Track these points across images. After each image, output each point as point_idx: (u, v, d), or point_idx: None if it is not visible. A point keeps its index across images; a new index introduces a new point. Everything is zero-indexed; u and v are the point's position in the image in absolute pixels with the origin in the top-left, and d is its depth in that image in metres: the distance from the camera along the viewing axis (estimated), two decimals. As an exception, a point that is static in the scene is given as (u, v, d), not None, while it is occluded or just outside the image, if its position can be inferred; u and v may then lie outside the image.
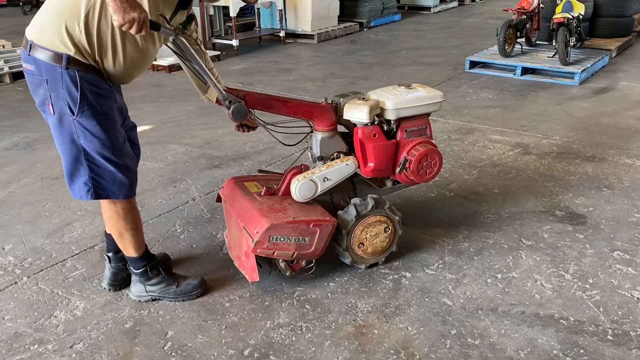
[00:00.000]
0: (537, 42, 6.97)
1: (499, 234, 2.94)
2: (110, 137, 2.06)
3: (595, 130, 4.45)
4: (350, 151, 2.61)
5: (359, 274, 2.60)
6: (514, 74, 6.18)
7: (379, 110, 2.53)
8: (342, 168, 2.49)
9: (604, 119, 4.72)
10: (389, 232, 2.59)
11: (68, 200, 3.34)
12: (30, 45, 1.95)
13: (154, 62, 6.79)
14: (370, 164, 2.55)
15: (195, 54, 2.13)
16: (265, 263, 2.55)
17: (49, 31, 1.92)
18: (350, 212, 2.48)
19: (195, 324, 2.30)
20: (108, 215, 2.23)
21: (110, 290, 2.50)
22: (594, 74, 6.20)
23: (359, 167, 2.56)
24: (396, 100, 2.52)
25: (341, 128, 2.65)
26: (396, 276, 2.59)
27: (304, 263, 2.47)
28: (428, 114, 2.65)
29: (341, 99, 2.56)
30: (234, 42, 7.68)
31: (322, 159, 2.55)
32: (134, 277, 2.42)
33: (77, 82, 1.93)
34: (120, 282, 2.50)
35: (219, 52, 7.48)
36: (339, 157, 2.55)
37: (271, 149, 4.14)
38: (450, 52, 7.57)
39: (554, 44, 6.15)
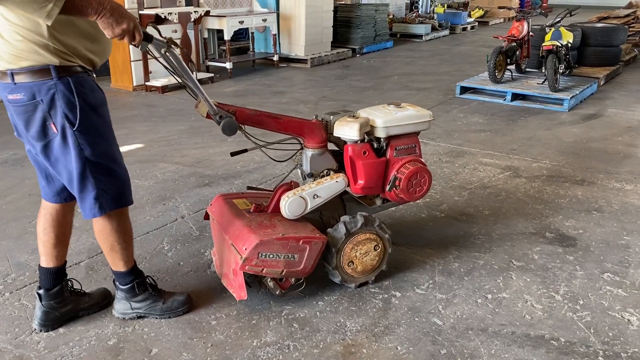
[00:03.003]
0: (527, 69, 7.07)
1: (489, 254, 2.92)
2: (110, 140, 2.08)
3: (584, 155, 4.48)
4: (340, 169, 2.60)
5: (349, 293, 2.57)
6: (504, 99, 6.25)
7: (369, 128, 2.54)
8: (332, 185, 2.48)
9: (593, 144, 4.76)
10: (378, 250, 2.57)
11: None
12: (12, 73, 1.86)
13: (147, 83, 6.82)
14: (360, 182, 2.55)
15: (187, 67, 2.13)
16: (255, 282, 2.51)
17: (23, 52, 1.84)
18: (340, 230, 2.46)
19: (180, 341, 2.25)
20: (100, 228, 2.17)
21: (41, 331, 2.29)
22: (583, 101, 6.29)
23: (348, 184, 2.55)
24: (386, 118, 2.53)
25: (331, 146, 2.65)
26: (386, 295, 2.56)
27: (293, 281, 2.44)
28: (417, 133, 2.66)
29: (331, 117, 2.57)
30: (228, 65, 7.73)
31: (312, 175, 2.54)
32: (118, 294, 2.36)
33: (73, 89, 1.91)
34: (53, 321, 2.30)
35: (212, 75, 7.51)
36: (329, 174, 2.54)
37: (262, 168, 4.13)
38: (441, 78, 7.66)
39: (543, 70, 6.25)
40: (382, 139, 2.57)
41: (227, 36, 7.61)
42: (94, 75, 2.08)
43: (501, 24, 14.92)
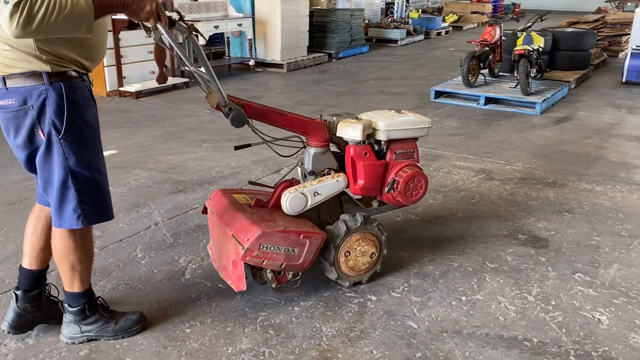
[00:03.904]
0: (500, 73, 7.18)
1: (463, 257, 2.95)
2: (97, 151, 2.04)
3: (556, 157, 4.57)
4: (340, 169, 2.66)
5: (325, 298, 2.57)
6: (478, 103, 6.33)
7: (370, 130, 2.62)
8: (332, 184, 2.54)
9: (564, 147, 4.86)
10: (373, 258, 2.63)
11: (24, 225, 3.22)
12: (3, 78, 1.85)
13: (121, 89, 6.74)
14: (360, 182, 2.62)
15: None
16: (250, 275, 2.49)
17: (13, 61, 1.83)
18: (358, 219, 2.53)
19: (153, 350, 2.22)
20: (62, 245, 2.07)
21: (9, 333, 2.23)
22: (554, 104, 6.41)
23: (348, 184, 2.61)
24: (388, 122, 2.61)
25: (333, 147, 2.70)
26: (362, 299, 2.56)
27: (290, 276, 2.46)
28: (416, 139, 2.73)
29: (334, 117, 2.65)
30: (203, 70, 7.67)
31: (314, 173, 2.59)
32: (67, 317, 2.22)
33: (64, 95, 1.87)
34: (24, 325, 2.24)
35: (187, 79, 7.46)
36: (330, 173, 2.58)
37: (238, 174, 4.10)
38: (416, 83, 7.73)
39: (515, 74, 6.35)
40: (382, 142, 2.65)
41: (202, 41, 7.57)
42: (90, 80, 2.05)
43: (474, 28, 15.13)
